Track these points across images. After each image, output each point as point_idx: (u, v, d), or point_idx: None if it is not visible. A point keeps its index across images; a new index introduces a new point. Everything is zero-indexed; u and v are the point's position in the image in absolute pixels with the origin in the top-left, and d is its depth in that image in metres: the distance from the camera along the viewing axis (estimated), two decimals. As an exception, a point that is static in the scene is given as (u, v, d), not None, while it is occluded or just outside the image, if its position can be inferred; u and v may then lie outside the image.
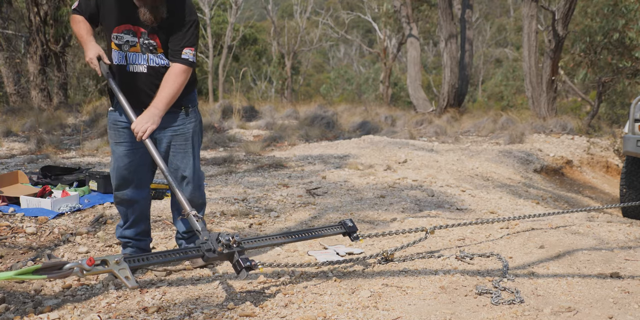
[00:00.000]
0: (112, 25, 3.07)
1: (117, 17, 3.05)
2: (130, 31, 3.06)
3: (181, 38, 3.08)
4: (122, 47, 3.08)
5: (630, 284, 3.01)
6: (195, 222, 2.91)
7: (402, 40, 25.54)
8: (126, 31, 3.06)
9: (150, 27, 3.05)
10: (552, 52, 13.01)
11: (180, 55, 3.08)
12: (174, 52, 3.10)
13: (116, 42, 3.09)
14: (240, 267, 2.78)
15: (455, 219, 4.63)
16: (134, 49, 3.09)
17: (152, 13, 2.98)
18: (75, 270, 2.37)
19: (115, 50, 3.11)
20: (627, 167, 5.97)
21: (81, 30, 3.16)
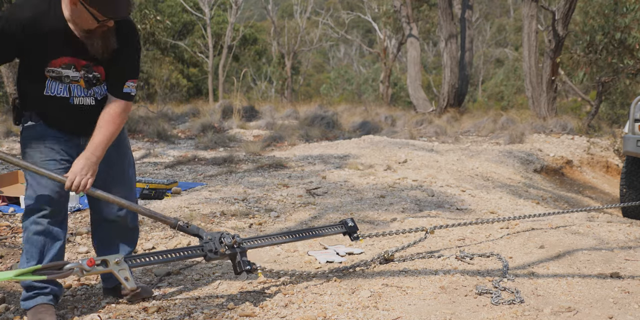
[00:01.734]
0: (46, 59, 2.56)
1: (52, 50, 2.55)
2: (70, 66, 2.60)
3: (126, 70, 2.68)
4: (62, 79, 2.61)
5: (630, 284, 3.01)
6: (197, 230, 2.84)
7: (402, 40, 25.55)
8: (65, 66, 2.59)
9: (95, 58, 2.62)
10: (552, 52, 13.02)
11: (122, 89, 2.67)
12: (116, 85, 2.67)
13: (53, 75, 2.60)
14: (241, 269, 2.80)
15: (455, 219, 4.63)
16: (77, 82, 2.65)
17: (104, 44, 2.56)
18: (76, 270, 2.37)
19: (52, 81, 2.61)
20: (627, 167, 5.97)
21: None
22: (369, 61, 38.54)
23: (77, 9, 2.45)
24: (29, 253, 2.65)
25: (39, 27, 2.48)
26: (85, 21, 2.48)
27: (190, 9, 27.10)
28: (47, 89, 2.62)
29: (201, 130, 10.67)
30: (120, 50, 2.63)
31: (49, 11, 2.50)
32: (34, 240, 2.65)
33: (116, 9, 2.44)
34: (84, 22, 2.48)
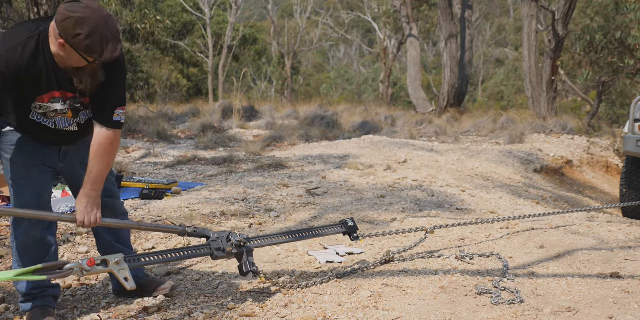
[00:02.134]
0: (34, 95, 2.49)
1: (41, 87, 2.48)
2: (58, 99, 2.53)
3: (115, 99, 2.59)
4: (48, 115, 2.55)
5: (630, 284, 3.01)
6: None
7: (402, 40, 25.55)
8: (53, 99, 2.52)
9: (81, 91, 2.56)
10: (552, 52, 13.02)
11: (112, 118, 2.58)
12: (105, 115, 2.58)
13: (39, 111, 2.54)
14: (247, 270, 2.83)
15: (455, 219, 4.63)
16: (64, 114, 2.59)
17: (92, 80, 2.49)
18: (76, 270, 2.38)
19: (38, 114, 2.55)
20: (627, 167, 5.97)
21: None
22: (369, 61, 38.54)
23: (65, 50, 2.38)
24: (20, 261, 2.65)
25: (32, 68, 2.42)
26: (75, 61, 2.42)
27: (190, 9, 27.10)
28: (32, 115, 2.55)
29: (201, 130, 10.67)
30: (108, 81, 2.56)
31: (38, 50, 2.42)
32: (29, 251, 2.64)
33: (104, 52, 2.37)
34: (73, 61, 2.42)
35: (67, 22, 2.31)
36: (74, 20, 2.30)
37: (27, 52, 2.39)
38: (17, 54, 2.38)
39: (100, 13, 2.34)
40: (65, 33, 2.32)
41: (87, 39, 2.31)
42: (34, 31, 2.42)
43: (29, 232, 2.63)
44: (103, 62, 2.41)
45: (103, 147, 2.57)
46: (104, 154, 2.57)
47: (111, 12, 12.73)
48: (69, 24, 2.30)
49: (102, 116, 2.59)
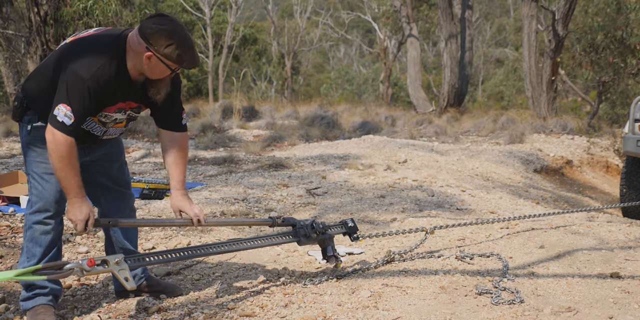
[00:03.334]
0: (103, 107, 2.62)
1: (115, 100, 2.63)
2: (121, 109, 2.68)
3: (178, 106, 2.82)
4: (107, 125, 2.69)
5: (630, 284, 3.01)
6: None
7: (402, 40, 25.55)
8: (118, 110, 2.67)
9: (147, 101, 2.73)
10: (552, 52, 13.02)
11: (182, 122, 2.84)
12: (176, 122, 2.82)
13: (102, 120, 2.67)
14: (330, 254, 3.15)
15: (455, 219, 4.63)
16: (119, 124, 2.75)
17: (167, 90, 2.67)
18: (76, 270, 2.37)
19: (96, 124, 2.67)
20: (627, 167, 5.97)
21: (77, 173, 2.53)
22: (369, 61, 38.54)
23: (151, 63, 2.51)
24: (31, 252, 2.69)
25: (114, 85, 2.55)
26: (160, 72, 2.56)
27: (190, 9, 27.10)
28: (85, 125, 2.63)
29: (201, 130, 10.67)
30: (172, 91, 2.73)
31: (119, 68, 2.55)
32: (40, 239, 2.69)
33: (192, 60, 2.53)
34: (157, 73, 2.56)
35: (157, 35, 2.47)
36: (165, 32, 2.47)
37: (113, 70, 2.53)
38: (104, 73, 2.51)
39: (179, 24, 2.54)
40: (157, 44, 2.47)
41: (178, 49, 2.47)
42: (115, 49, 2.55)
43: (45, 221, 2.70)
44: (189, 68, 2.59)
45: (183, 149, 2.83)
46: (184, 155, 2.84)
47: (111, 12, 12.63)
48: (161, 36, 2.46)
49: (173, 123, 2.82)
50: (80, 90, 2.47)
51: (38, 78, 2.67)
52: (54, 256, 2.72)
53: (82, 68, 2.48)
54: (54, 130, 2.47)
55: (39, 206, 2.67)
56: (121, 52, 2.55)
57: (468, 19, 17.72)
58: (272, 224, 3.10)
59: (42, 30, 13.26)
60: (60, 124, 2.46)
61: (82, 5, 12.43)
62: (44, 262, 2.66)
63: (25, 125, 2.70)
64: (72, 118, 2.47)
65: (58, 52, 2.62)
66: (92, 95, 2.49)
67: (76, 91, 2.47)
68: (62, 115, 2.46)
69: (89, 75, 2.47)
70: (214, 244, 2.92)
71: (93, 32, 2.66)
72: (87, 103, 2.50)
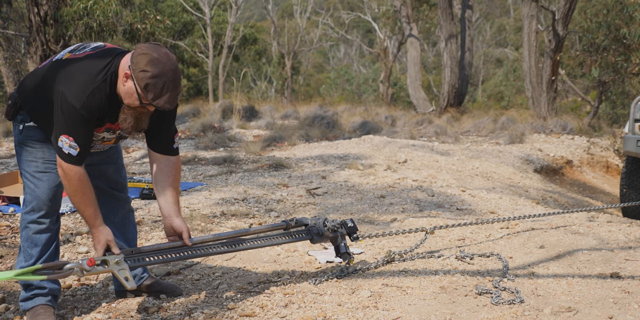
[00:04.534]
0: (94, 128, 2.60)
1: (103, 122, 2.60)
2: (110, 129, 2.66)
3: (169, 133, 2.76)
4: (94, 142, 2.67)
5: (630, 284, 3.01)
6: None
7: (402, 40, 25.55)
8: (106, 130, 2.65)
9: None
10: (552, 52, 13.02)
11: (173, 147, 2.78)
12: (165, 147, 2.76)
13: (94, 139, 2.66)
14: (343, 251, 3.18)
15: (455, 219, 4.63)
16: (107, 142, 2.74)
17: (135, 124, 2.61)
18: (76, 270, 2.37)
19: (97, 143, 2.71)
20: (627, 167, 5.97)
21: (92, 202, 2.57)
22: (369, 61, 38.54)
23: (127, 85, 2.48)
24: (27, 252, 2.69)
25: (104, 109, 2.53)
26: (130, 98, 2.50)
27: (190, 9, 27.10)
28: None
29: (201, 130, 10.66)
30: (160, 119, 2.70)
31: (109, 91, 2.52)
32: (36, 238, 2.69)
33: (160, 98, 2.45)
34: (128, 98, 2.51)
35: (142, 57, 2.43)
36: (149, 58, 2.42)
37: (103, 96, 2.50)
38: (95, 99, 2.48)
39: (174, 65, 2.46)
40: (135, 66, 2.43)
41: (150, 78, 2.41)
42: (106, 73, 2.51)
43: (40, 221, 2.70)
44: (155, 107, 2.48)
45: (175, 172, 2.78)
46: (177, 178, 2.79)
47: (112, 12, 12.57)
48: (143, 60, 2.42)
49: (163, 149, 2.77)
50: (75, 119, 2.47)
51: (31, 82, 2.66)
52: (51, 255, 2.72)
53: (73, 96, 2.46)
54: (62, 164, 2.50)
55: (33, 205, 2.67)
56: (112, 75, 2.51)
57: (468, 19, 17.71)
58: (287, 227, 3.11)
59: (42, 30, 13.26)
60: (68, 156, 2.48)
61: (83, 5, 12.43)
62: (41, 261, 2.67)
63: (18, 125, 2.69)
64: (77, 148, 2.48)
65: (53, 68, 2.59)
66: (87, 122, 2.49)
67: (73, 121, 2.47)
68: (67, 147, 2.48)
69: (80, 103, 2.45)
70: (225, 243, 2.91)
71: (90, 52, 2.61)
72: (86, 130, 2.51)
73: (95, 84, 2.49)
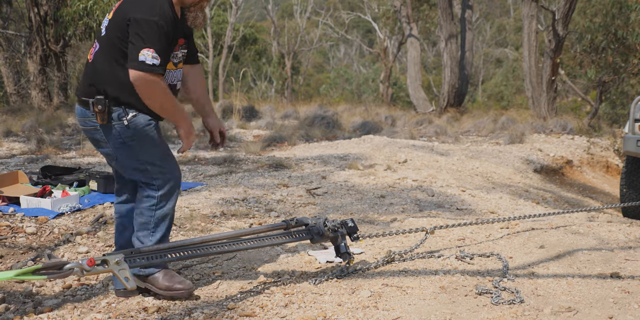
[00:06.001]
0: (172, 48, 2.80)
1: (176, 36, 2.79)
2: (180, 46, 2.86)
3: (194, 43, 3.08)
4: (177, 65, 2.89)
5: (630, 284, 3.01)
6: None
7: (402, 40, 25.55)
8: (180, 47, 2.86)
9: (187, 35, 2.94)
10: (552, 52, 13.02)
11: (196, 55, 3.12)
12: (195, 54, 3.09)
13: (174, 61, 2.85)
14: (343, 251, 3.18)
15: (455, 219, 4.63)
16: (180, 65, 2.93)
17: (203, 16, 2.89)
18: (76, 270, 2.37)
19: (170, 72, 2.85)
20: (627, 167, 5.97)
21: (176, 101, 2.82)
22: (369, 61, 38.52)
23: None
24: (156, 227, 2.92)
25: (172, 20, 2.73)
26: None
27: (190, 9, 27.07)
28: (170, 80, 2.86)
29: (201, 130, 10.66)
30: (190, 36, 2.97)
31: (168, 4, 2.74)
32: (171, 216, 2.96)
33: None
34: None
35: None
36: None
37: (166, 7, 2.72)
38: (165, 8, 2.71)
39: None
40: None
41: None
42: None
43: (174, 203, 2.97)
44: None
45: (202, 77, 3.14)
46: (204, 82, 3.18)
47: None
48: None
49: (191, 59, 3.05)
50: (154, 30, 2.64)
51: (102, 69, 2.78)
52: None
53: (147, 13, 2.65)
54: (147, 75, 2.63)
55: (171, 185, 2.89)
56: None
57: (468, 19, 17.70)
58: (287, 226, 3.12)
59: (42, 30, 13.27)
60: (152, 66, 2.63)
61: (82, 6, 12.42)
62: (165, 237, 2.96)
63: (118, 122, 2.79)
64: (159, 58, 2.65)
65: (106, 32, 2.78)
66: (165, 32, 2.68)
67: (152, 33, 2.63)
68: (150, 59, 2.63)
69: (156, 15, 2.65)
70: (224, 243, 2.92)
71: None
72: (165, 43, 2.69)
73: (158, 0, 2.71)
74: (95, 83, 2.79)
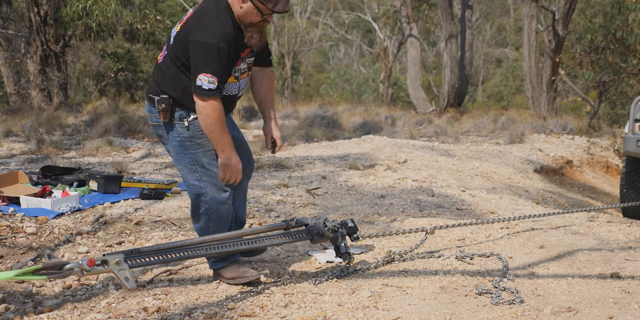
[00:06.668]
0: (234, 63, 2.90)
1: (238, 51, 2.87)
2: (242, 59, 2.94)
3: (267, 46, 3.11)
4: (239, 78, 2.98)
5: (630, 284, 3.01)
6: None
7: (402, 40, 25.54)
8: (242, 59, 2.93)
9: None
10: (552, 52, 13.02)
11: (269, 57, 3.14)
12: (266, 57, 3.13)
13: (235, 75, 2.95)
14: (342, 251, 3.18)
15: (455, 219, 4.63)
16: (244, 75, 3.02)
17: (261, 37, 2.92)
18: (76, 270, 2.38)
19: (231, 84, 2.96)
20: (627, 167, 5.96)
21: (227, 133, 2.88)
22: (369, 61, 38.50)
23: (245, 6, 2.78)
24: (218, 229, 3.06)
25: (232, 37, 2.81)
26: (251, 16, 2.81)
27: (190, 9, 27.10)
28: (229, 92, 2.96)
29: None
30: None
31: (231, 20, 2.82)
32: (224, 217, 3.07)
33: (282, 4, 2.77)
34: (249, 16, 2.81)
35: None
36: None
37: (229, 24, 2.80)
38: (226, 28, 2.78)
39: None
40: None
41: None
42: (222, 6, 2.83)
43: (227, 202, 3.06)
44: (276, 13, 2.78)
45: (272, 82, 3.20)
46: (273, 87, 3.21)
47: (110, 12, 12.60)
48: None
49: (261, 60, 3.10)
50: (213, 53, 2.73)
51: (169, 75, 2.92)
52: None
53: (208, 35, 2.74)
54: (204, 99, 2.78)
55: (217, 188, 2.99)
56: (227, 6, 2.82)
57: (468, 19, 17.70)
58: (287, 227, 3.13)
59: (42, 30, 13.27)
60: (208, 91, 2.76)
61: (82, 6, 12.42)
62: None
63: (179, 122, 2.95)
64: (216, 82, 2.76)
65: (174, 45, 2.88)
66: (226, 51, 2.76)
67: (210, 56, 2.74)
68: (206, 84, 2.75)
69: (217, 37, 2.73)
70: (225, 243, 2.92)
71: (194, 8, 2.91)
72: (225, 63, 2.78)
73: (220, 18, 2.79)
74: (161, 84, 2.96)
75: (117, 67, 17.84)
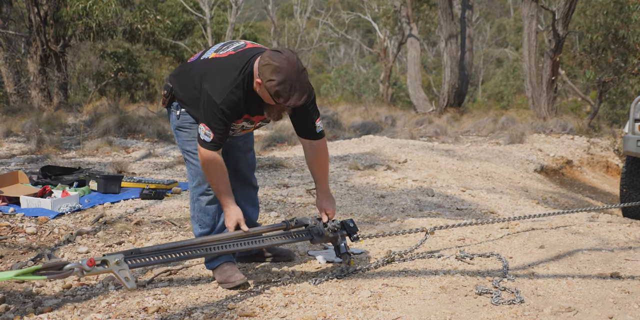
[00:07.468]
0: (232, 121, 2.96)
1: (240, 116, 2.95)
2: (248, 119, 3.00)
3: (309, 118, 3.04)
4: (236, 132, 3.09)
5: (630, 284, 3.01)
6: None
7: (402, 40, 25.55)
8: (245, 120, 3.00)
9: None
10: (552, 52, 13.02)
11: (316, 131, 3.07)
12: (309, 130, 3.07)
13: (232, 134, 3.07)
14: (342, 251, 3.19)
15: (455, 219, 4.63)
16: (246, 130, 3.13)
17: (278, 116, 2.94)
18: (76, 270, 2.37)
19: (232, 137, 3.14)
20: (627, 167, 5.97)
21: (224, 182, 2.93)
22: (369, 61, 38.51)
23: (261, 88, 2.78)
24: (202, 221, 3.13)
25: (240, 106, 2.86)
26: (267, 100, 2.82)
27: (190, 9, 27.09)
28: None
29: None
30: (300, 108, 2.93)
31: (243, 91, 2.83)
32: (207, 209, 3.11)
33: (290, 99, 2.72)
34: (265, 99, 2.83)
35: (265, 68, 2.71)
36: (272, 67, 2.69)
37: (240, 94, 2.83)
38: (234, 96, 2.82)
39: (296, 66, 2.71)
40: (262, 76, 2.73)
41: (277, 86, 2.69)
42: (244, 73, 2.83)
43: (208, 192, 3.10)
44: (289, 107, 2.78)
45: (322, 155, 3.12)
46: (324, 160, 3.13)
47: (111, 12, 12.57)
48: (267, 70, 2.70)
49: (306, 133, 3.09)
50: (214, 112, 2.80)
51: (181, 78, 3.04)
52: (222, 223, 3.11)
53: (215, 93, 2.80)
54: (200, 148, 2.87)
55: (199, 179, 3.06)
56: (249, 76, 2.82)
57: (468, 19, 17.71)
58: (287, 227, 3.13)
59: (42, 30, 13.27)
60: (202, 141, 2.85)
61: (82, 6, 12.42)
62: (216, 229, 3.11)
63: (174, 111, 3.11)
64: (211, 135, 2.82)
65: (199, 66, 2.96)
66: (225, 115, 2.82)
67: (211, 113, 2.81)
68: (203, 134, 2.84)
69: (220, 100, 2.79)
70: (225, 243, 2.92)
71: (231, 52, 2.92)
72: (223, 122, 2.83)
73: (235, 84, 2.81)
74: (174, 75, 3.10)
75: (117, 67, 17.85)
